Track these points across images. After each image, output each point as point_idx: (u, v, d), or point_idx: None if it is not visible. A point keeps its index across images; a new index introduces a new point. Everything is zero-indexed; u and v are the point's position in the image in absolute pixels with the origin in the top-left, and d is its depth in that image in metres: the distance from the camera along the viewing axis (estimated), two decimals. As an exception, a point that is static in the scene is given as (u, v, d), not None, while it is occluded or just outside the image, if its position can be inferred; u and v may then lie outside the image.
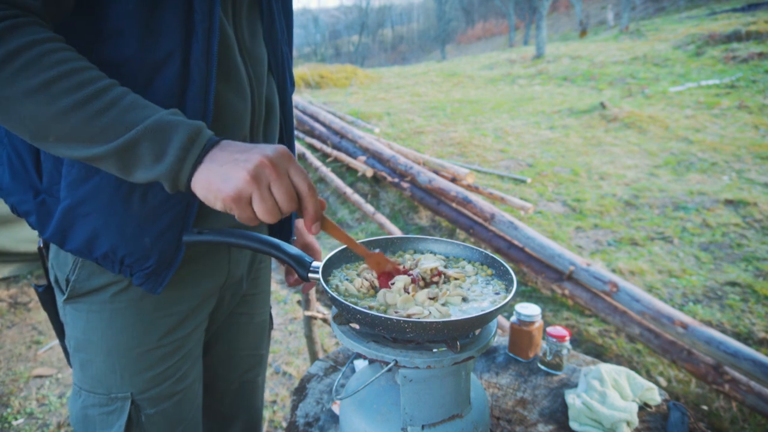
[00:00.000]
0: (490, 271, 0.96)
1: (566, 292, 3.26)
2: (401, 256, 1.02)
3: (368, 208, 4.63)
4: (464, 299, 0.85)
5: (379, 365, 0.85)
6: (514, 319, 1.38)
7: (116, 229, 0.80)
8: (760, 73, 8.50)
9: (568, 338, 1.31)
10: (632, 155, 5.96)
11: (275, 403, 2.42)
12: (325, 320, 2.49)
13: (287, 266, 1.23)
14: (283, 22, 1.04)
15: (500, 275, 0.94)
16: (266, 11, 0.97)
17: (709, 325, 2.90)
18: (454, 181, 4.76)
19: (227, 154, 0.68)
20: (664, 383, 2.60)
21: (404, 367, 0.79)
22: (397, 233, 4.17)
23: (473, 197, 4.14)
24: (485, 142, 6.73)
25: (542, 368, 1.34)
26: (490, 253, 0.99)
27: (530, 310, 1.36)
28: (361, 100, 10.15)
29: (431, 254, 1.03)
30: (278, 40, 1.01)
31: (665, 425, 1.12)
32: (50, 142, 0.66)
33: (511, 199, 4.40)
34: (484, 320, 0.78)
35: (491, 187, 5.15)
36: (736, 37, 10.52)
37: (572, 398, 1.16)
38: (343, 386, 1.24)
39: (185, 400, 0.98)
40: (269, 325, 1.30)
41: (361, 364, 1.32)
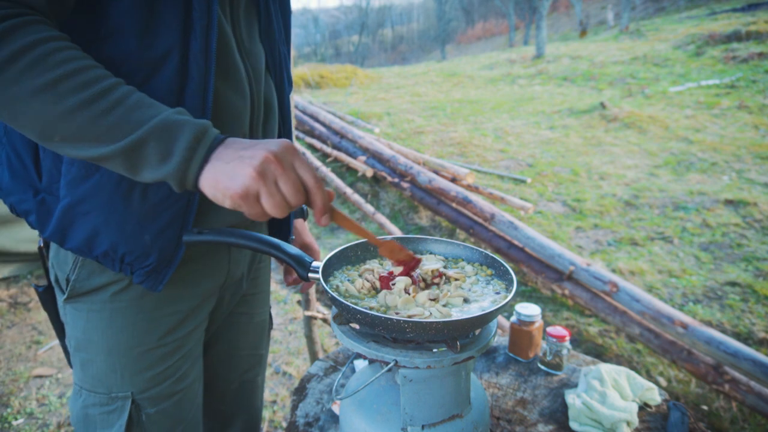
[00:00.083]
0: (489, 271, 0.96)
1: (566, 292, 3.26)
2: None
3: (368, 208, 4.63)
4: (465, 300, 0.85)
5: (379, 365, 0.85)
6: (514, 319, 1.38)
7: (116, 226, 0.80)
8: (760, 73, 8.50)
9: (568, 338, 1.31)
10: (632, 155, 5.96)
11: (275, 403, 2.42)
12: (325, 320, 2.49)
13: (286, 266, 1.23)
14: (280, 22, 1.04)
15: (500, 275, 0.94)
16: (263, 11, 0.97)
17: (709, 325, 2.90)
18: (454, 181, 4.76)
19: (232, 151, 0.68)
20: (664, 383, 2.60)
21: (404, 367, 0.79)
22: (397, 233, 4.17)
23: (473, 197, 4.14)
24: (485, 142, 6.73)
25: (542, 368, 1.34)
26: (490, 253, 0.99)
27: (530, 310, 1.36)
28: (361, 100, 10.15)
29: (431, 255, 1.03)
30: (276, 40, 1.01)
31: (665, 425, 1.12)
32: (56, 141, 0.66)
33: (511, 199, 4.40)
34: (484, 320, 0.78)
35: (491, 187, 5.15)
36: (736, 37, 10.52)
37: (572, 398, 1.16)
38: (343, 386, 1.24)
39: (185, 399, 0.98)
40: (269, 324, 1.30)
41: (361, 364, 1.32)
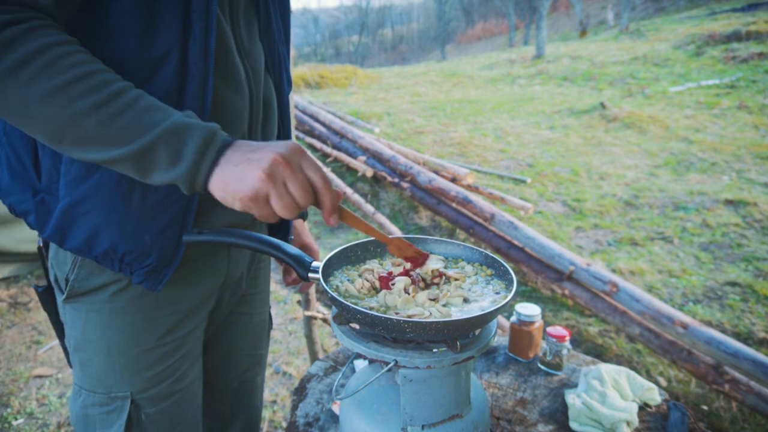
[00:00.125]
0: (489, 271, 0.96)
1: (566, 292, 3.26)
2: None
3: (368, 208, 4.63)
4: (465, 300, 0.85)
5: (379, 365, 0.85)
6: (514, 319, 1.38)
7: (116, 226, 0.80)
8: (760, 73, 8.50)
9: (568, 338, 1.31)
10: (632, 155, 5.96)
11: (275, 403, 2.42)
12: (325, 320, 2.48)
13: (285, 266, 1.23)
14: (280, 22, 1.04)
15: (500, 275, 0.94)
16: (263, 11, 0.97)
17: (709, 325, 2.90)
18: (454, 181, 4.76)
19: (241, 153, 0.68)
20: (664, 383, 2.60)
21: (404, 367, 0.79)
22: (397, 233, 4.17)
23: (473, 197, 4.14)
24: (485, 142, 6.73)
25: (542, 368, 1.34)
26: (489, 253, 0.98)
27: (530, 310, 1.36)
28: (361, 100, 10.15)
29: (431, 255, 1.03)
30: (275, 40, 1.01)
31: (665, 425, 1.12)
32: (66, 144, 0.66)
33: (511, 199, 4.40)
34: (484, 320, 0.78)
35: (491, 187, 5.15)
36: (736, 37, 10.52)
37: (572, 398, 1.16)
38: (343, 386, 1.24)
39: (185, 399, 0.98)
40: (268, 324, 1.30)
41: (361, 364, 1.32)
